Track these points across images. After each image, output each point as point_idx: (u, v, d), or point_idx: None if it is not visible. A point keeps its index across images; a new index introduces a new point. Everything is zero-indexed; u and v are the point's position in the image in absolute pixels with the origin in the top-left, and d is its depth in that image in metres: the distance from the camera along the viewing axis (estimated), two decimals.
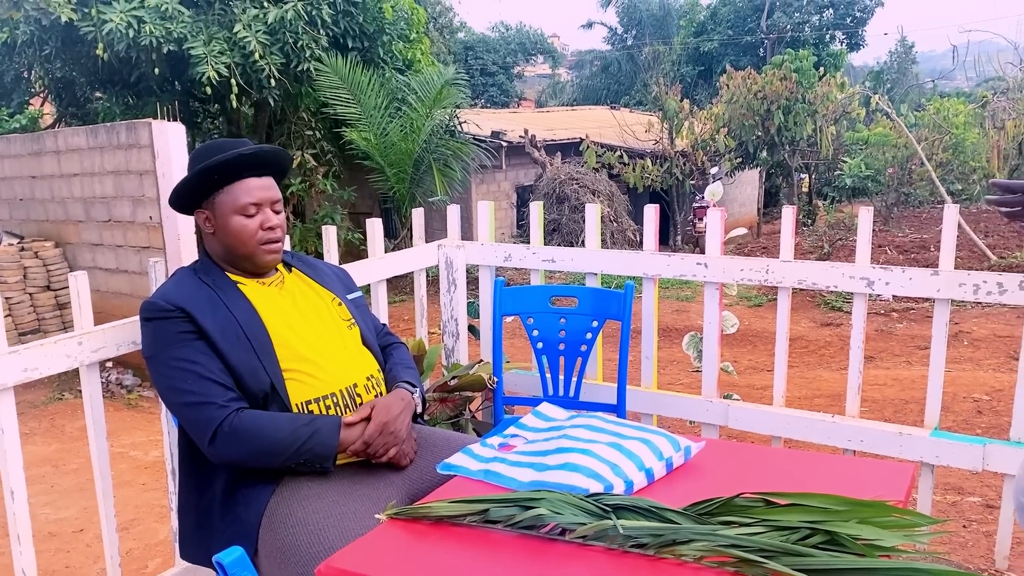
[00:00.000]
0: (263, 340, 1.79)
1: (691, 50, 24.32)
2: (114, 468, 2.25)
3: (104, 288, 6.66)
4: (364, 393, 1.86)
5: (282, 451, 1.69)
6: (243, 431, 1.68)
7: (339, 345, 1.89)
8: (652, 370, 2.98)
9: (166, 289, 1.84)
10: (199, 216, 1.89)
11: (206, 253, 1.92)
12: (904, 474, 1.58)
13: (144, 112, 8.91)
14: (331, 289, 2.03)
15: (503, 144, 12.93)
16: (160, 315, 1.77)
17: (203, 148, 1.90)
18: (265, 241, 1.86)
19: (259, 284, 1.91)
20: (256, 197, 1.85)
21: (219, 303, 1.80)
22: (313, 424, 1.72)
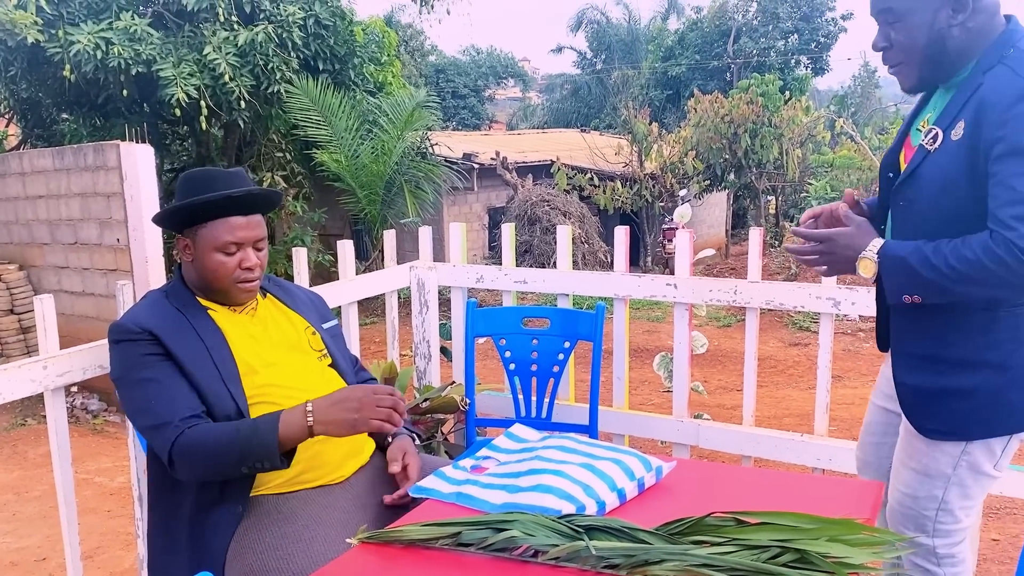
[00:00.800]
0: (229, 367, 1.78)
1: (659, 74, 24.63)
2: (79, 495, 2.21)
3: (70, 311, 6.55)
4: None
5: (230, 456, 1.64)
6: (191, 447, 1.65)
7: (307, 374, 1.88)
8: (624, 390, 2.99)
9: (135, 312, 1.82)
10: (179, 243, 1.87)
11: (180, 276, 1.91)
12: (872, 492, 1.60)
13: (112, 134, 8.82)
14: (305, 317, 2.00)
15: (475, 166, 12.97)
16: (128, 337, 1.75)
17: (193, 176, 1.88)
18: (241, 280, 1.84)
19: (230, 311, 1.89)
20: (238, 237, 1.83)
21: (188, 328, 1.79)
22: (254, 424, 1.67)
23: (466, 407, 2.84)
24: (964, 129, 1.56)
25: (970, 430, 1.68)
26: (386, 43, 11.60)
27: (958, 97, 1.60)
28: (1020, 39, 1.58)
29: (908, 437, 1.78)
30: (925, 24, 1.59)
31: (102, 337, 2.16)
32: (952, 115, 1.59)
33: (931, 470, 1.73)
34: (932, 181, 1.61)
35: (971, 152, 1.55)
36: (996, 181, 1.50)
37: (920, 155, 1.65)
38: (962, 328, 1.65)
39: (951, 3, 1.57)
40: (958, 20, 1.58)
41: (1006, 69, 1.54)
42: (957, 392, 1.67)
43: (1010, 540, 3.44)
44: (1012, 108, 1.49)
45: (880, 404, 1.97)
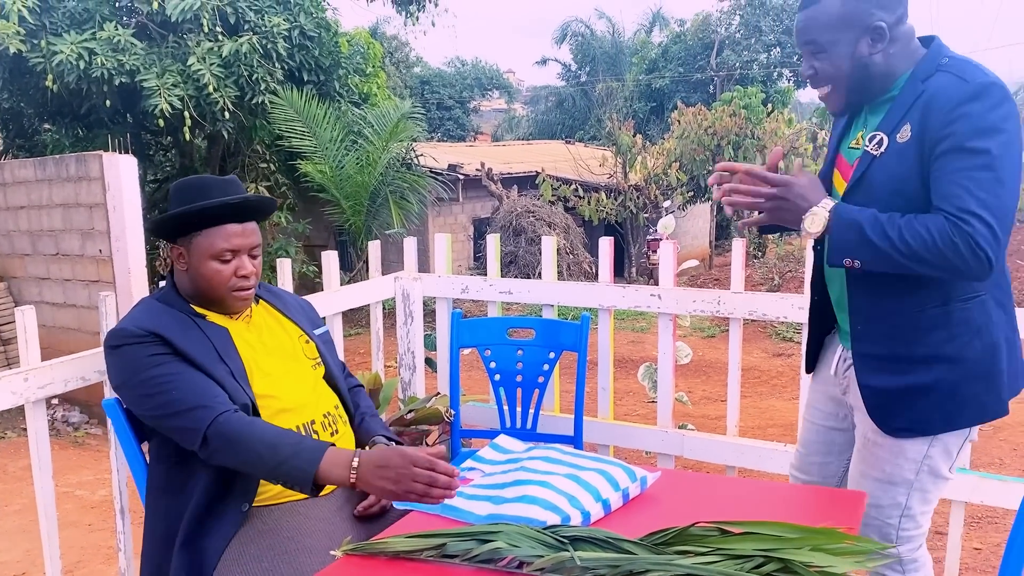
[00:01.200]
0: (237, 363, 1.77)
1: (643, 87, 24.76)
2: (59, 508, 2.19)
3: (51, 323, 6.49)
4: (320, 431, 1.84)
5: (263, 462, 1.60)
6: (235, 431, 1.61)
7: (300, 382, 1.87)
8: (608, 401, 3.00)
9: (133, 317, 1.79)
10: (173, 251, 1.84)
11: (172, 285, 1.88)
12: (855, 501, 1.61)
13: (94, 144, 8.78)
14: (299, 324, 1.99)
15: (460, 177, 12.98)
16: (131, 341, 1.71)
17: (187, 184, 1.86)
18: (237, 288, 1.82)
19: (226, 318, 1.87)
20: (234, 244, 1.80)
21: (191, 326, 1.78)
22: (299, 444, 1.61)
23: (451, 418, 2.84)
24: (911, 131, 1.64)
25: (933, 425, 1.73)
26: (371, 54, 11.61)
27: (898, 106, 1.68)
28: (948, 52, 1.70)
29: (868, 447, 1.81)
30: (847, 55, 1.69)
31: (84, 349, 2.14)
32: (896, 120, 1.67)
33: (895, 477, 1.77)
34: (883, 183, 1.68)
35: (919, 151, 1.63)
36: (943, 175, 1.58)
37: (866, 160, 1.71)
38: (919, 326, 1.70)
39: (870, 33, 1.66)
40: (878, 49, 1.68)
41: (948, 75, 1.63)
42: (918, 388, 1.72)
43: (992, 549, 3.47)
44: (959, 108, 1.57)
45: (819, 423, 2.00)
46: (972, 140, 1.56)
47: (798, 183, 1.69)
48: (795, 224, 1.70)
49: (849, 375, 1.85)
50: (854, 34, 1.67)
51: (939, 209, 1.57)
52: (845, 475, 1.98)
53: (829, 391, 1.97)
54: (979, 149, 1.56)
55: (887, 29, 1.66)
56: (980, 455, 4.68)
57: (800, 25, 1.74)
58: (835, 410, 1.96)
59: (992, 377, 1.72)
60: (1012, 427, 5.31)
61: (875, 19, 1.65)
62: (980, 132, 1.56)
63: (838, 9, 1.66)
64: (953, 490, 2.43)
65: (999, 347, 1.72)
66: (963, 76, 1.61)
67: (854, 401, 1.86)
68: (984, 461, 4.64)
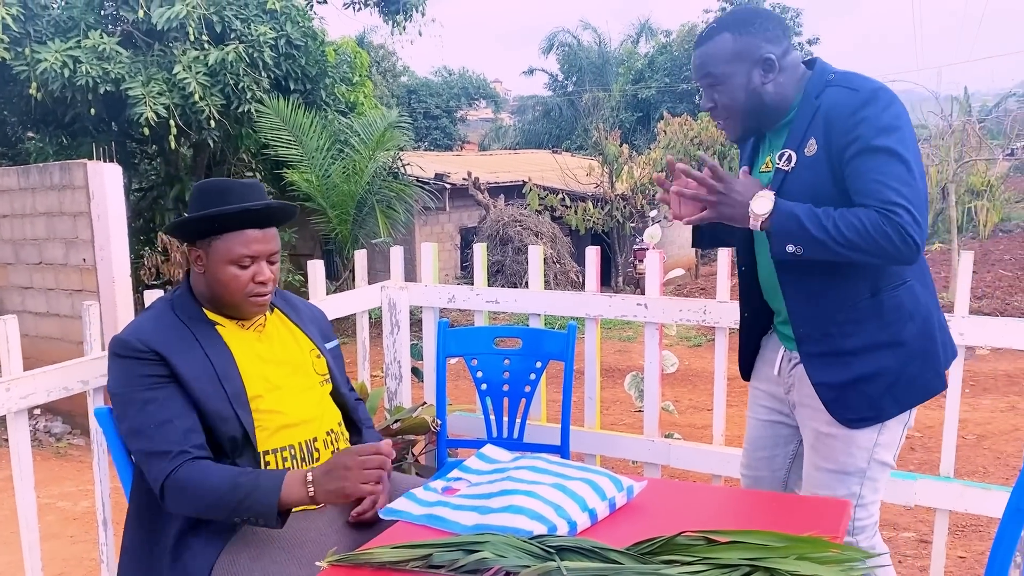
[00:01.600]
0: (238, 389, 1.74)
1: (629, 97, 24.87)
2: (41, 520, 2.16)
3: (34, 332, 6.44)
4: (322, 448, 1.83)
5: (226, 505, 1.63)
6: (187, 484, 1.63)
7: (307, 398, 1.86)
8: (595, 410, 3.00)
9: (140, 325, 1.77)
10: (191, 253, 1.83)
11: (188, 286, 1.87)
12: (840, 510, 1.62)
13: (79, 153, 8.73)
14: (311, 337, 1.97)
15: (446, 186, 12.98)
16: (132, 355, 1.70)
17: (208, 187, 1.85)
18: (254, 294, 1.81)
19: (238, 327, 1.85)
20: (253, 250, 1.79)
21: (195, 344, 1.75)
22: (257, 478, 1.64)
23: (437, 428, 2.83)
24: (817, 144, 1.78)
25: (887, 410, 1.84)
26: (358, 64, 11.61)
27: (799, 124, 1.82)
28: (832, 69, 1.85)
29: (821, 440, 1.90)
30: (741, 86, 1.83)
31: (67, 358, 2.13)
32: (799, 137, 1.81)
33: (848, 467, 1.88)
34: (800, 194, 1.78)
35: (828, 160, 1.76)
36: (859, 175, 1.71)
37: (779, 177, 1.84)
38: (854, 319, 1.82)
39: (760, 65, 1.81)
40: (769, 79, 1.82)
41: (838, 88, 1.78)
42: (866, 377, 1.82)
43: (975, 557, 3.49)
44: (857, 114, 1.72)
45: (764, 419, 2.11)
46: (876, 139, 1.69)
47: (736, 180, 1.81)
48: (738, 216, 1.78)
49: (794, 374, 1.96)
50: (746, 67, 1.81)
51: (864, 205, 1.69)
52: (790, 469, 2.10)
53: (771, 390, 2.08)
54: (884, 147, 1.69)
55: (776, 60, 1.81)
56: (964, 464, 4.71)
57: (697, 62, 1.88)
58: (779, 406, 2.07)
59: (929, 355, 1.85)
60: (995, 436, 5.35)
61: (764, 51, 1.81)
62: (881, 131, 1.70)
63: (730, 45, 1.82)
64: (937, 498, 2.45)
65: (931, 326, 1.85)
66: (852, 86, 1.76)
67: (798, 398, 1.96)
68: (968, 470, 4.67)
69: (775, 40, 1.82)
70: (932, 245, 15.52)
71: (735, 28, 1.82)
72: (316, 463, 1.80)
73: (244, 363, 1.79)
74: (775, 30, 1.83)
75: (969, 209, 14.80)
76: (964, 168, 12.76)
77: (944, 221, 14.53)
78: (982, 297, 10.01)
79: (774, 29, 1.83)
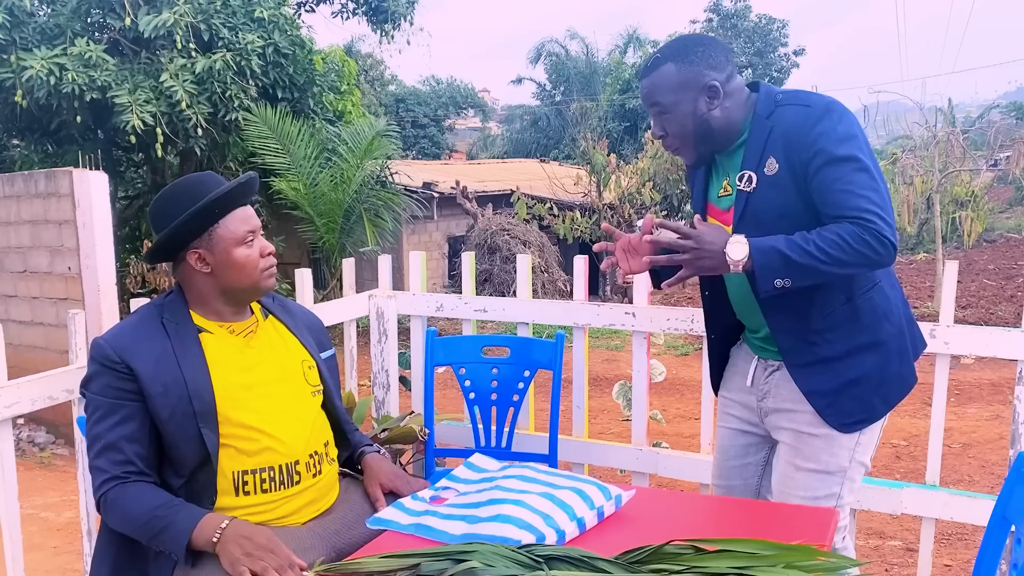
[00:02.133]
0: (207, 406, 1.71)
1: (617, 106, 24.96)
2: (24, 530, 2.14)
3: (18, 341, 6.38)
4: (304, 471, 1.78)
5: (142, 534, 1.66)
6: (115, 506, 1.66)
7: (294, 415, 1.82)
8: (583, 419, 3.00)
9: (120, 332, 1.75)
10: (191, 257, 1.78)
11: (180, 291, 1.83)
12: (827, 518, 1.62)
13: (64, 160, 8.68)
14: (305, 345, 1.93)
15: (435, 195, 12.98)
16: (105, 363, 1.70)
17: (177, 190, 1.81)
18: (266, 268, 1.82)
19: (228, 333, 1.82)
20: (252, 225, 1.81)
21: (171, 356, 1.72)
22: (173, 516, 1.62)
23: (425, 437, 2.82)
24: (777, 162, 1.80)
25: (877, 409, 1.89)
26: (346, 72, 11.61)
27: (753, 145, 1.85)
28: (778, 90, 1.89)
29: (803, 440, 1.92)
30: (689, 113, 1.85)
31: (52, 367, 2.11)
32: (756, 158, 1.84)
33: (831, 466, 1.90)
34: (766, 212, 1.82)
35: (792, 177, 1.79)
36: (826, 186, 1.74)
37: (741, 199, 1.86)
38: (833, 326, 1.85)
39: (706, 93, 1.84)
40: (715, 104, 1.85)
41: (790, 107, 1.82)
42: (855, 381, 1.86)
43: (961, 566, 3.50)
44: (814, 128, 1.75)
45: (734, 428, 2.13)
46: (837, 150, 1.73)
47: (704, 232, 1.81)
48: (716, 266, 1.78)
49: (771, 381, 1.98)
50: (692, 94, 1.84)
51: (836, 216, 1.72)
52: (762, 476, 2.11)
53: (743, 399, 2.09)
54: (846, 155, 1.73)
55: (720, 87, 1.84)
56: (950, 472, 4.73)
57: (644, 92, 1.90)
58: (748, 415, 2.09)
59: (904, 351, 1.91)
60: (981, 444, 5.38)
61: (708, 79, 1.83)
62: (840, 142, 1.73)
63: (674, 75, 1.84)
64: (923, 507, 2.46)
65: (903, 323, 1.91)
66: (805, 103, 1.80)
67: (774, 404, 1.98)
68: (954, 478, 4.69)
69: (718, 67, 1.85)
70: (917, 255, 15.64)
71: (678, 58, 1.85)
72: (295, 487, 1.77)
73: (223, 375, 1.75)
74: (718, 56, 1.86)
75: (953, 219, 14.93)
76: (948, 179, 12.88)
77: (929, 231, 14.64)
78: (967, 307, 10.09)
79: (717, 56, 1.86)
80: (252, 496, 1.73)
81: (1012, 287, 11.36)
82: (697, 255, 1.78)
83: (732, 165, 1.91)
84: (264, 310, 1.93)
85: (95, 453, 1.68)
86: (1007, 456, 2.40)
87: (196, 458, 1.70)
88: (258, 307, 1.93)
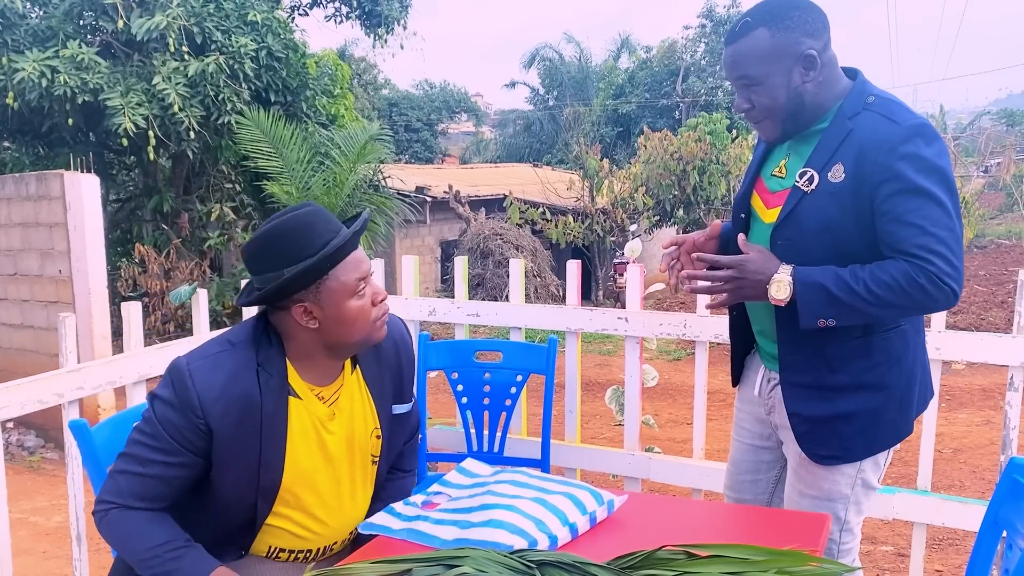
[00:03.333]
0: (273, 484, 1.61)
1: (610, 112, 25.02)
2: (12, 535, 2.13)
3: (7, 345, 6.35)
4: (337, 546, 1.75)
5: (133, 564, 1.57)
6: (112, 527, 1.56)
7: (348, 495, 1.72)
8: (575, 424, 2.99)
9: (213, 377, 1.55)
10: (296, 311, 1.58)
11: (279, 342, 1.63)
12: (819, 524, 1.62)
13: (55, 163, 8.64)
14: (379, 408, 1.75)
15: (427, 199, 12.98)
16: (183, 408, 1.53)
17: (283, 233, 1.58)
18: (379, 317, 1.65)
19: (315, 397, 1.66)
20: (363, 271, 1.61)
21: (255, 425, 1.57)
22: (177, 564, 1.52)
23: (417, 442, 2.81)
24: (844, 171, 1.67)
25: (855, 451, 1.80)
26: (339, 76, 11.59)
27: (827, 142, 1.71)
28: (873, 88, 1.73)
29: (804, 466, 1.85)
30: (782, 85, 1.69)
31: (41, 371, 2.10)
32: (826, 158, 1.70)
33: (833, 494, 1.83)
34: (814, 220, 1.71)
35: (855, 192, 1.65)
36: (895, 217, 1.62)
37: (795, 196, 1.73)
38: (843, 355, 1.75)
39: (802, 62, 1.68)
40: (811, 77, 1.69)
41: (875, 115, 1.67)
42: (844, 416, 1.77)
43: (953, 571, 3.51)
44: (897, 150, 1.61)
45: (748, 442, 2.04)
46: (918, 181, 1.60)
47: (750, 259, 1.72)
48: (759, 298, 1.72)
49: (774, 395, 1.89)
50: (787, 64, 1.68)
51: (897, 251, 1.62)
52: (774, 492, 2.04)
53: (754, 411, 2.01)
54: (926, 189, 1.60)
55: (817, 57, 1.68)
56: (940, 478, 4.74)
57: (730, 60, 1.74)
58: (761, 430, 2.00)
59: (907, 402, 1.80)
60: (972, 450, 5.40)
61: (805, 47, 1.67)
62: (923, 172, 1.61)
63: (768, 41, 1.67)
64: (915, 512, 2.46)
65: (915, 374, 1.81)
66: (893, 118, 1.65)
67: (779, 420, 1.90)
68: (945, 483, 4.70)
69: (815, 34, 1.68)
70: None
71: (772, 22, 1.67)
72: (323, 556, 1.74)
73: (298, 455, 1.63)
74: (815, 23, 1.68)
75: None
76: None
77: None
78: (957, 312, 10.12)
79: (815, 21, 1.68)
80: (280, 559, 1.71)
81: (1003, 293, 11.40)
82: (738, 284, 1.72)
83: (800, 150, 1.77)
84: (354, 360, 1.74)
85: (124, 464, 1.57)
86: (998, 461, 2.41)
87: (239, 522, 1.63)
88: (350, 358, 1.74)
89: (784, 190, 1.78)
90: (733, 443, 2.10)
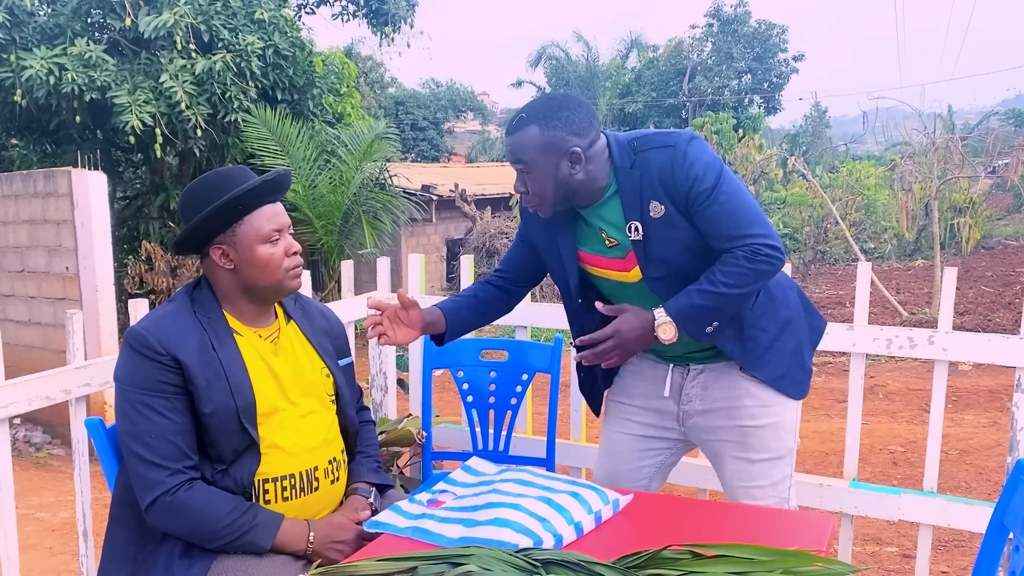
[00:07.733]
0: (248, 400, 1.71)
1: (616, 111, 25.00)
2: (19, 531, 2.13)
3: (15, 341, 6.37)
4: (322, 478, 1.80)
5: (217, 538, 1.63)
6: (185, 509, 1.62)
7: (313, 422, 1.82)
8: (581, 423, 2.99)
9: (161, 322, 1.71)
10: (214, 253, 1.76)
11: (208, 286, 1.80)
12: (825, 524, 1.62)
13: (63, 160, 8.67)
14: (323, 355, 1.91)
15: (433, 198, 12.98)
16: (149, 355, 1.66)
17: (205, 182, 1.80)
18: (292, 267, 1.80)
19: (256, 336, 1.81)
20: (278, 223, 1.78)
21: (210, 352, 1.71)
22: (253, 519, 1.65)
23: (423, 440, 2.82)
24: (662, 204, 1.84)
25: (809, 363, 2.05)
26: (345, 74, 11.61)
27: (628, 196, 1.87)
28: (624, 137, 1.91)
29: (749, 432, 1.99)
30: (551, 175, 1.84)
31: (49, 367, 2.11)
32: (638, 206, 1.86)
33: (781, 450, 2.02)
34: (669, 250, 1.86)
35: (681, 213, 1.84)
36: (709, 220, 1.82)
37: (640, 246, 1.88)
38: (760, 313, 1.95)
39: (567, 157, 1.83)
40: (577, 169, 1.84)
41: (649, 151, 1.85)
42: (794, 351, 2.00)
43: (958, 573, 3.50)
44: (682, 166, 1.80)
45: (637, 433, 2.14)
46: (707, 182, 1.80)
47: (622, 323, 1.86)
48: (648, 345, 1.87)
49: (696, 384, 2.03)
50: (554, 159, 1.82)
51: (724, 244, 1.81)
52: (652, 477, 2.16)
53: (655, 405, 2.11)
54: (716, 187, 1.80)
55: (582, 152, 1.83)
56: (947, 479, 4.73)
57: (508, 148, 1.91)
58: (660, 420, 2.11)
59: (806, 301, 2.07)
60: (978, 451, 5.38)
61: (570, 145, 1.82)
62: (707, 173, 1.80)
63: (538, 138, 1.82)
64: (921, 513, 2.46)
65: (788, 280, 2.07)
66: (663, 144, 1.84)
67: (705, 406, 2.03)
68: (951, 485, 4.69)
69: (582, 132, 1.84)
70: (915, 261, 15.65)
71: (541, 121, 1.83)
72: (314, 493, 1.79)
73: (256, 377, 1.75)
74: (582, 121, 1.84)
75: (952, 225, 14.94)
76: (947, 185, 12.90)
77: (927, 237, 14.65)
78: (964, 313, 10.09)
79: (580, 121, 1.84)
80: (273, 505, 1.74)
81: (1010, 294, 11.37)
82: (624, 347, 1.85)
83: (606, 217, 1.92)
84: (287, 314, 1.90)
85: (144, 448, 1.63)
86: (1005, 463, 2.40)
87: (234, 454, 1.70)
88: (281, 311, 1.90)
89: (629, 251, 1.91)
90: (614, 436, 2.19)
